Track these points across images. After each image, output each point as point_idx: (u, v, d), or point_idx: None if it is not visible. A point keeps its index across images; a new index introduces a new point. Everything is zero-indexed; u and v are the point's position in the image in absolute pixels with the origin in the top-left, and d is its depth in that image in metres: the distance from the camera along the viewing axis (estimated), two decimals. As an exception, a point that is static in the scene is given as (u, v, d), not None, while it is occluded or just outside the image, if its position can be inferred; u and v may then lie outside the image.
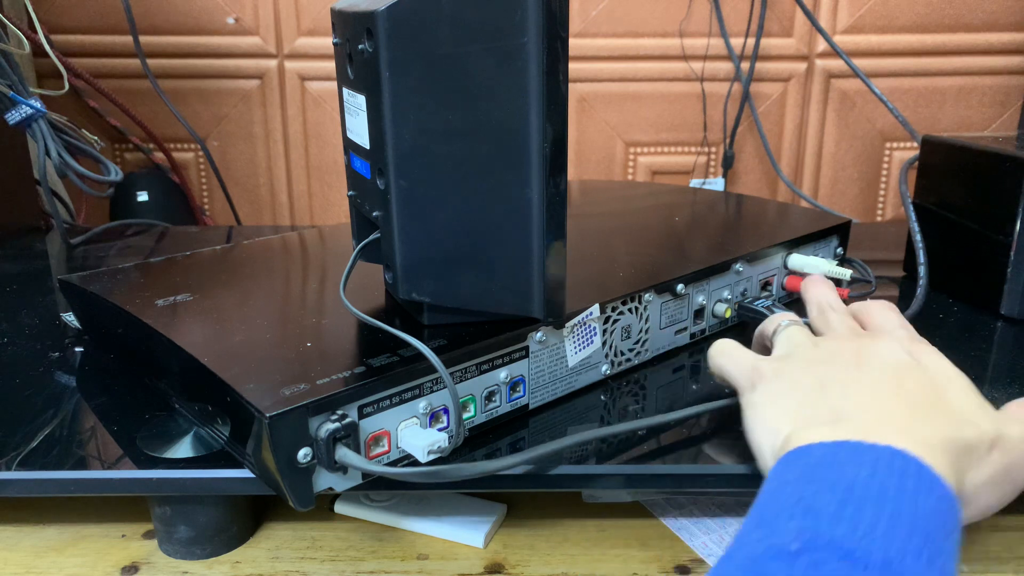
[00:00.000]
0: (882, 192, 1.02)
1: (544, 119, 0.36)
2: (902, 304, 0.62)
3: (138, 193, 0.97)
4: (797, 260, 0.57)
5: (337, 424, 0.34)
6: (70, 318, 0.54)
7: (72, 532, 0.42)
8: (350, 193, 0.45)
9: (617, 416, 0.43)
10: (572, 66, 0.97)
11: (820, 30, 0.94)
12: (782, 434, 0.33)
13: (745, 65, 0.97)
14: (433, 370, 0.37)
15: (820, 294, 0.44)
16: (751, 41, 0.96)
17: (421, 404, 0.37)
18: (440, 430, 0.38)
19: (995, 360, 0.51)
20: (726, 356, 0.40)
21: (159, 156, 1.02)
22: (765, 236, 0.58)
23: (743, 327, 0.55)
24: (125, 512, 0.44)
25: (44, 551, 0.41)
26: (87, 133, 0.76)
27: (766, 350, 0.43)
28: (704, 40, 0.97)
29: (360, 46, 0.37)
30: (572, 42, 0.96)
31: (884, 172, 1.01)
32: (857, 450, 0.28)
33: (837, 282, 0.57)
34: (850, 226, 0.62)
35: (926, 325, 0.57)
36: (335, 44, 0.42)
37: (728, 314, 0.53)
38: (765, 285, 0.57)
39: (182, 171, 1.03)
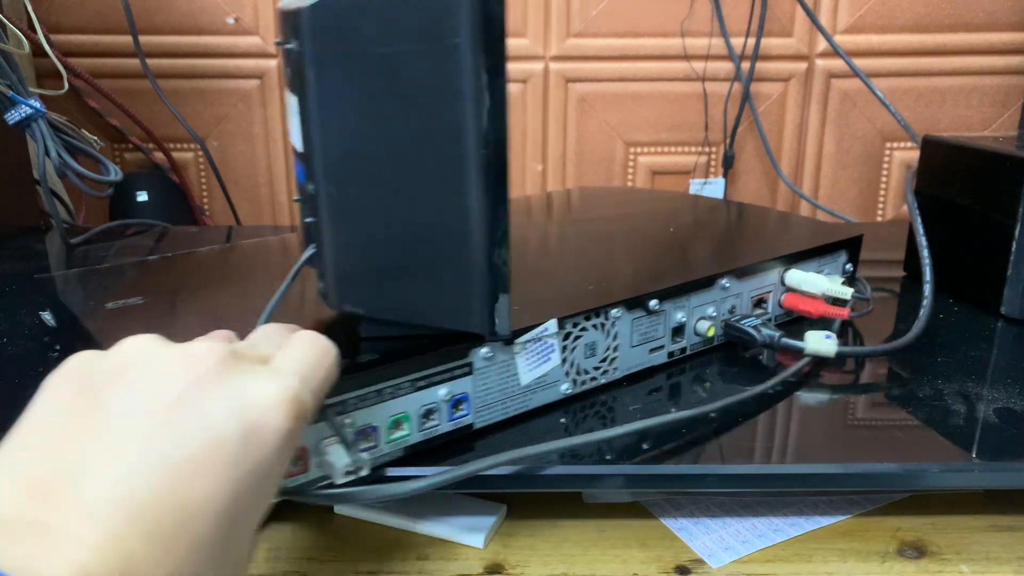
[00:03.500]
0: (882, 192, 1.02)
1: (482, 125, 0.34)
2: (905, 308, 0.62)
3: (138, 193, 0.97)
4: (795, 276, 0.53)
5: None
6: (48, 316, 0.54)
7: (72, 532, 0.42)
8: (296, 199, 0.44)
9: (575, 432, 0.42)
10: (572, 66, 0.97)
11: (821, 29, 0.94)
12: None
13: (745, 65, 0.96)
14: (359, 386, 0.35)
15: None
16: (751, 41, 0.96)
17: (346, 421, 0.35)
18: (365, 450, 0.36)
19: (995, 360, 0.51)
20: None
21: (159, 156, 1.02)
22: (759, 250, 0.55)
23: (732, 347, 0.52)
24: (125, 512, 0.44)
25: (44, 551, 0.41)
26: (87, 133, 0.76)
27: None
28: (704, 40, 0.97)
29: (289, 45, 0.35)
30: (572, 42, 0.96)
31: (884, 172, 1.01)
32: None
33: (839, 302, 0.53)
34: (861, 240, 0.58)
35: (927, 325, 0.57)
36: (276, 44, 0.40)
37: (711, 332, 0.49)
38: (759, 302, 0.53)
39: (182, 171, 1.03)
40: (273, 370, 0.28)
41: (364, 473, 0.35)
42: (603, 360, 0.45)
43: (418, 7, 0.33)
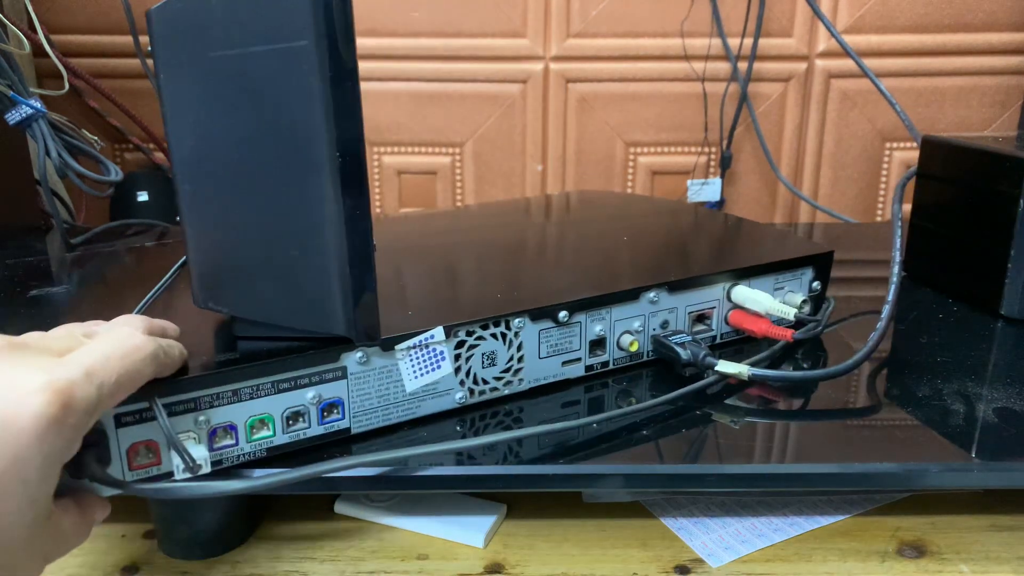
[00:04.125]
0: (882, 192, 1.02)
1: (333, 127, 0.33)
2: (898, 312, 0.62)
3: (138, 193, 0.97)
4: (741, 293, 0.50)
5: None
6: None
7: (72, 532, 0.42)
8: None
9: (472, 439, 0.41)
10: (572, 66, 0.97)
11: (828, 25, 0.94)
12: None
13: (744, 65, 0.96)
14: (211, 384, 0.35)
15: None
16: (749, 41, 0.96)
17: (200, 418, 0.35)
18: (222, 448, 0.37)
19: (995, 360, 0.51)
20: None
21: (159, 156, 1.02)
22: (702, 263, 0.52)
23: (669, 364, 0.48)
24: (125, 512, 0.44)
25: (44, 551, 0.41)
26: (87, 133, 0.76)
27: None
28: (704, 40, 0.97)
29: (150, 47, 0.36)
30: (572, 42, 0.96)
31: (884, 172, 1.01)
32: None
33: (785, 322, 0.51)
34: (831, 257, 0.55)
35: (927, 325, 0.57)
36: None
37: (634, 347, 0.47)
38: (701, 318, 0.50)
39: (182, 171, 1.03)
40: (53, 361, 0.29)
41: (204, 471, 0.35)
42: (505, 371, 0.44)
43: (263, 9, 0.33)
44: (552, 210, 0.74)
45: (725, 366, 0.45)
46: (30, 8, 0.77)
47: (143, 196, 0.97)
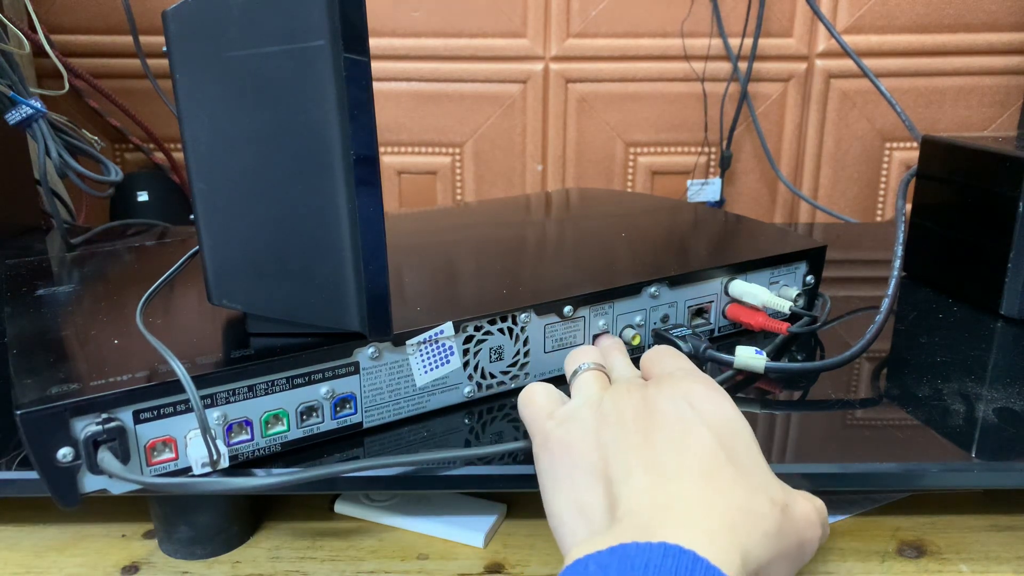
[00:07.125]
0: (882, 192, 1.02)
1: (347, 126, 0.34)
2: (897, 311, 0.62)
3: (138, 193, 0.97)
4: (738, 287, 0.51)
5: (99, 427, 0.33)
6: None
7: (72, 532, 0.43)
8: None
9: (485, 439, 0.41)
10: (572, 66, 0.97)
11: (828, 26, 0.94)
12: (566, 543, 0.33)
13: (743, 65, 0.97)
14: (229, 380, 0.36)
15: (607, 343, 0.43)
16: (749, 41, 0.96)
17: (215, 414, 0.36)
18: (238, 444, 0.37)
19: (995, 360, 0.51)
20: (529, 406, 0.37)
21: (159, 156, 1.02)
22: (700, 258, 0.53)
23: None
24: (125, 512, 0.44)
25: (44, 551, 0.41)
26: (87, 133, 0.76)
27: None
28: (704, 40, 0.97)
29: (164, 48, 0.36)
30: (572, 42, 0.96)
31: (884, 172, 1.01)
32: (628, 556, 0.27)
33: (781, 315, 0.52)
34: (824, 252, 0.56)
35: (927, 325, 0.57)
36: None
37: (636, 341, 0.48)
38: (700, 312, 0.51)
39: (182, 171, 1.03)
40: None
41: (223, 466, 0.35)
42: (512, 364, 0.44)
43: (279, 10, 0.33)
44: (552, 207, 0.74)
45: (742, 360, 0.46)
46: (30, 8, 0.77)
47: (143, 196, 0.97)
